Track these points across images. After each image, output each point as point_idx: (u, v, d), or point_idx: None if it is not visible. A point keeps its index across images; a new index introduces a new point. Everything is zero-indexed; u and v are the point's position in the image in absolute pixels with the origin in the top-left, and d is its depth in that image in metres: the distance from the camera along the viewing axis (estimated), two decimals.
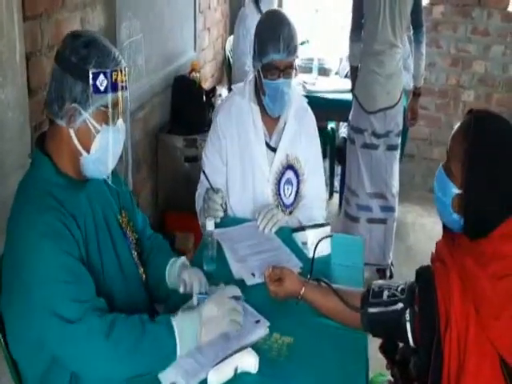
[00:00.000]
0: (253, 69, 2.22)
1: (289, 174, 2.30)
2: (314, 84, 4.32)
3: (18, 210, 1.41)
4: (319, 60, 4.64)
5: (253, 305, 1.66)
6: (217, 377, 1.40)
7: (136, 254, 1.67)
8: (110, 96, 1.40)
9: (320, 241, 1.84)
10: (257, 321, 1.60)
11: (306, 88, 4.22)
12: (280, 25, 2.12)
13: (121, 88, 1.41)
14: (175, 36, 3.68)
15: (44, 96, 1.47)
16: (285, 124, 2.28)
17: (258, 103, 2.24)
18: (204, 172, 2.20)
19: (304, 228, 2.03)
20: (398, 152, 3.52)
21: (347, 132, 3.65)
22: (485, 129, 1.38)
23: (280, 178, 2.29)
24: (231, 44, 4.45)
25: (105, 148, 1.44)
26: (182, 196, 3.21)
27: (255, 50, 2.16)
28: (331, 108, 4.05)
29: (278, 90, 2.15)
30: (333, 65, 4.78)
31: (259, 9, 4.00)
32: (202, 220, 2.16)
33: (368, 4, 3.27)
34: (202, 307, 1.48)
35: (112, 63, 1.40)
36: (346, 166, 3.66)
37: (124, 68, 1.43)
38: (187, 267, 1.70)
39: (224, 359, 1.44)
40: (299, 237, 2.05)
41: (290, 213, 2.32)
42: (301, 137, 2.32)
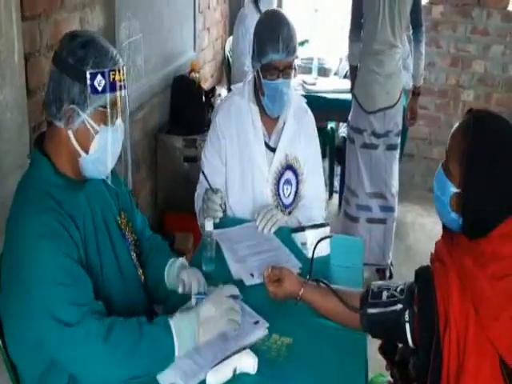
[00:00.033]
0: (252, 69, 2.22)
1: (288, 174, 2.30)
2: (314, 84, 4.32)
3: (17, 211, 1.41)
4: (319, 60, 4.64)
5: (252, 305, 1.66)
6: (215, 378, 1.40)
7: (135, 256, 1.66)
8: (109, 96, 1.39)
9: (319, 241, 1.83)
10: (255, 321, 1.60)
11: (306, 88, 4.21)
12: (279, 25, 2.11)
13: (119, 87, 1.41)
14: (175, 36, 3.68)
15: (43, 96, 1.46)
16: (284, 124, 2.28)
17: (258, 103, 2.24)
18: (203, 172, 2.20)
19: (303, 228, 2.03)
20: (398, 152, 3.52)
21: (347, 132, 3.64)
22: (484, 128, 1.38)
23: (279, 178, 2.29)
24: (231, 44, 4.45)
25: (104, 148, 1.43)
26: (182, 196, 3.21)
27: (254, 50, 2.15)
28: (331, 108, 4.05)
29: (277, 91, 2.14)
30: (332, 65, 4.77)
31: (259, 9, 4.00)
32: (201, 220, 2.15)
33: (367, 4, 3.27)
34: (200, 307, 1.47)
35: (110, 63, 1.39)
36: (346, 166, 3.65)
37: (122, 67, 1.42)
38: (186, 267, 1.70)
39: (223, 360, 1.43)
40: (298, 237, 2.05)
41: (290, 213, 2.32)
42: (300, 137, 2.31)
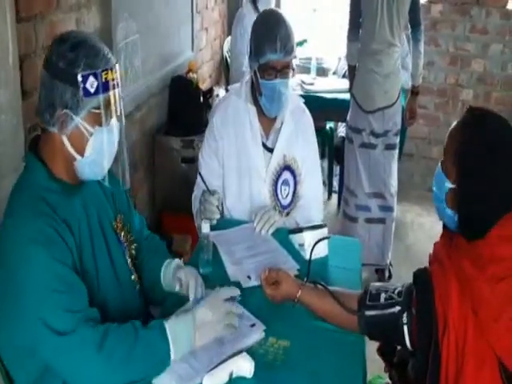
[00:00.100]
0: (249, 69, 2.20)
1: (286, 175, 2.29)
2: (313, 84, 4.30)
3: (11, 215, 1.39)
4: (317, 60, 4.62)
5: (248, 308, 1.64)
6: (211, 382, 1.39)
7: (130, 260, 1.64)
8: (102, 96, 1.37)
9: (317, 242, 1.82)
10: (252, 324, 1.59)
11: (304, 88, 4.20)
12: (277, 25, 2.10)
13: (112, 86, 1.39)
14: (172, 36, 3.66)
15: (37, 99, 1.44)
16: (282, 124, 2.26)
17: (255, 103, 2.22)
18: (200, 174, 2.19)
19: (301, 229, 2.02)
20: (397, 151, 3.51)
21: (345, 132, 3.63)
22: (483, 127, 1.38)
23: (277, 179, 2.28)
24: (229, 44, 4.43)
25: (99, 150, 1.42)
26: (179, 197, 3.18)
27: (252, 50, 2.14)
28: (329, 108, 4.04)
29: (275, 91, 2.13)
30: (331, 64, 4.76)
31: (257, 9, 3.97)
32: (199, 222, 2.14)
33: (366, 3, 3.26)
34: (196, 310, 1.46)
35: (101, 63, 1.37)
36: (345, 166, 3.65)
37: (114, 65, 1.40)
38: (182, 268, 1.68)
39: (219, 364, 1.42)
40: (296, 238, 2.04)
41: (287, 214, 2.31)
42: (298, 137, 2.30)
